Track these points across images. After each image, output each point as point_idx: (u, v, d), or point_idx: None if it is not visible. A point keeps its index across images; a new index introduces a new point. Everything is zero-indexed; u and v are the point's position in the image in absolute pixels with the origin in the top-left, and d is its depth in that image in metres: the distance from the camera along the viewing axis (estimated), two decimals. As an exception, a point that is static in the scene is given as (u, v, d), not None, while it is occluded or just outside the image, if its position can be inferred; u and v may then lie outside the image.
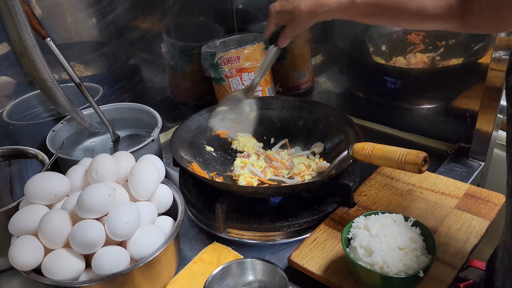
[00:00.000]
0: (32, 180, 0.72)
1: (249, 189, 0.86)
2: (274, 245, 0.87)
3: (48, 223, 0.68)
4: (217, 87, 1.25)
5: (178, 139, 1.01)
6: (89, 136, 1.13)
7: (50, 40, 0.93)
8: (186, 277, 0.79)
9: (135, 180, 0.76)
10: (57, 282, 0.67)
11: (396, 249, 0.68)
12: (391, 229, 0.71)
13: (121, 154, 0.83)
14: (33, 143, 1.02)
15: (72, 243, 0.67)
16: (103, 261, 0.67)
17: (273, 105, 1.14)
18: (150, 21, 1.21)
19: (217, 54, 1.17)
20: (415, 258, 0.67)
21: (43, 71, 0.92)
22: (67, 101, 0.98)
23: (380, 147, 0.79)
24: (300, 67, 1.34)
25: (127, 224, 0.68)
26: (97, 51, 1.12)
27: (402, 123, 1.21)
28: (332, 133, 1.05)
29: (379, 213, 0.76)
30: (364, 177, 0.98)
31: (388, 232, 0.70)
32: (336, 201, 0.91)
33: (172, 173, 1.10)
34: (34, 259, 0.67)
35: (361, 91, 1.30)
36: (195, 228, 0.93)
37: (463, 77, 1.04)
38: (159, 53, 1.26)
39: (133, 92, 1.21)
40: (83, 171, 0.79)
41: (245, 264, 0.73)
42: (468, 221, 0.83)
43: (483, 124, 1.02)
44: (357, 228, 0.73)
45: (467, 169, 1.03)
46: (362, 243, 0.69)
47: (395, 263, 0.66)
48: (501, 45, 0.93)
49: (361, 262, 0.67)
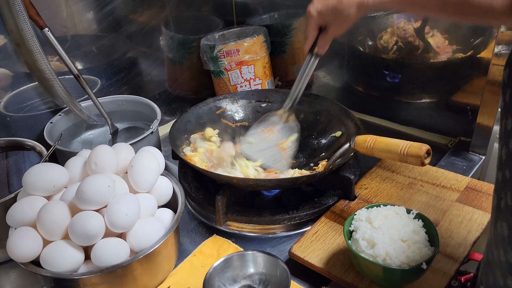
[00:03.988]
0: (30, 171, 0.71)
1: (250, 182, 0.85)
2: (274, 238, 0.87)
3: (46, 214, 0.67)
4: (216, 80, 1.24)
5: (177, 131, 1.00)
6: (87, 129, 1.12)
7: (48, 30, 0.91)
8: (186, 269, 0.79)
9: (135, 172, 0.75)
10: (56, 274, 0.66)
11: (399, 241, 0.67)
12: (394, 221, 0.70)
13: (121, 146, 0.82)
14: (30, 135, 1.00)
15: (71, 235, 0.66)
16: (102, 253, 0.66)
17: (272, 98, 1.13)
18: (149, 13, 1.20)
19: (217, 47, 1.16)
20: (418, 250, 0.67)
21: (41, 62, 0.91)
22: (65, 92, 0.97)
23: (382, 140, 0.78)
24: (300, 60, 1.33)
25: (127, 215, 0.68)
26: (95, 43, 1.11)
27: (402, 117, 1.20)
28: (332, 126, 1.04)
29: (381, 205, 0.75)
30: (365, 170, 0.98)
31: (391, 224, 0.69)
32: (336, 194, 0.90)
33: (171, 166, 1.09)
34: (32, 250, 0.66)
35: (360, 85, 1.29)
36: (194, 221, 0.92)
37: (464, 72, 1.04)
38: (157, 45, 1.25)
39: (132, 85, 1.20)
40: (82, 162, 0.78)
41: (246, 256, 0.72)
42: (470, 214, 0.83)
43: (484, 118, 1.02)
44: (359, 221, 0.72)
45: (467, 163, 1.03)
46: (365, 235, 0.69)
47: (398, 255, 0.65)
48: (503, 40, 0.92)
49: (363, 254, 0.67)
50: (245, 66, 1.19)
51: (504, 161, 0.49)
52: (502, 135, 0.50)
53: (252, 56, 1.18)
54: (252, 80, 1.21)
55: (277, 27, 1.29)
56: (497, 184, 0.51)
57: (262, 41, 1.19)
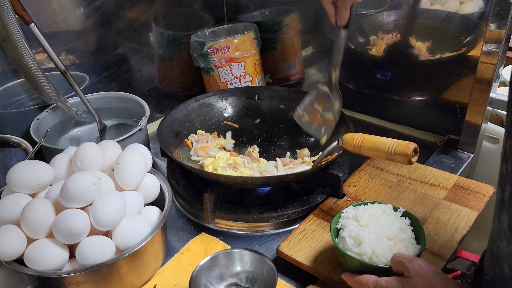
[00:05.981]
0: (14, 168, 0.71)
1: (237, 179, 0.85)
2: (262, 236, 0.86)
3: (30, 212, 0.66)
4: (206, 77, 1.23)
5: (165, 128, 0.99)
6: (75, 125, 1.11)
7: (34, 25, 0.90)
8: (173, 267, 0.78)
9: (121, 169, 0.74)
10: (40, 273, 0.65)
11: (385, 239, 0.67)
12: (381, 219, 0.70)
13: (107, 143, 0.81)
14: (17, 132, 0.99)
15: (56, 233, 0.65)
16: (87, 251, 0.66)
17: (262, 95, 1.13)
18: (138, 9, 1.18)
19: (207, 43, 1.16)
20: (404, 248, 0.67)
21: (27, 58, 0.90)
22: (52, 89, 0.96)
23: (370, 138, 0.78)
24: (291, 58, 1.33)
25: (113, 213, 0.67)
26: (84, 39, 1.10)
27: (392, 115, 1.20)
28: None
29: (368, 203, 0.75)
30: (354, 168, 0.98)
31: (378, 223, 0.69)
32: (325, 192, 0.90)
33: (160, 163, 1.08)
34: (16, 249, 0.65)
35: (351, 83, 1.29)
36: (182, 219, 0.91)
37: (454, 70, 1.04)
38: (147, 42, 1.24)
39: (121, 82, 1.19)
40: (68, 159, 0.77)
41: (233, 254, 0.72)
42: (457, 212, 0.83)
43: (473, 116, 1.02)
44: (346, 219, 0.72)
45: (456, 161, 1.04)
46: (351, 233, 0.69)
47: (384, 253, 0.65)
48: (492, 38, 0.93)
49: (349, 252, 0.67)
50: (235, 63, 1.18)
51: (508, 154, 0.49)
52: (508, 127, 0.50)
53: (243, 53, 1.17)
54: (242, 77, 1.20)
55: (268, 24, 1.29)
56: (501, 177, 0.51)
57: (252, 38, 1.18)
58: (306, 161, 0.99)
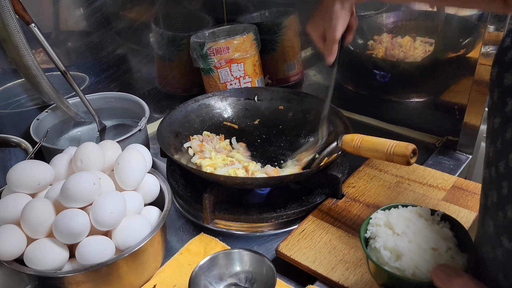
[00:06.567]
0: (14, 168, 0.71)
1: (237, 180, 0.85)
2: (261, 236, 0.87)
3: (30, 212, 0.66)
4: (206, 78, 1.23)
5: (165, 129, 1.00)
6: (74, 126, 1.11)
7: (34, 26, 0.90)
8: (173, 268, 0.78)
9: (121, 169, 0.75)
10: (40, 272, 0.65)
11: (429, 250, 0.57)
12: (419, 225, 0.61)
13: (107, 143, 0.81)
14: (16, 132, 0.99)
15: (56, 233, 0.66)
16: (87, 251, 0.66)
17: (261, 96, 1.13)
18: (138, 9, 1.19)
19: (206, 44, 1.16)
20: (451, 259, 0.57)
21: (27, 58, 0.90)
22: (52, 89, 0.96)
23: (369, 139, 0.78)
24: (290, 59, 1.33)
25: (113, 213, 0.67)
26: (84, 39, 1.10)
27: (391, 116, 1.21)
28: (321, 124, 1.04)
29: (399, 206, 0.66)
30: (353, 168, 0.98)
31: (417, 229, 0.60)
32: (324, 193, 0.90)
33: (159, 164, 1.09)
34: (16, 248, 0.65)
35: (350, 84, 1.29)
36: (182, 219, 0.92)
37: (452, 71, 1.05)
38: (147, 42, 1.24)
39: (121, 82, 1.19)
40: (68, 159, 0.77)
41: (232, 254, 0.72)
42: (455, 213, 0.83)
43: (471, 118, 1.02)
44: (377, 226, 0.63)
45: (454, 162, 1.04)
46: (387, 244, 0.59)
47: (429, 267, 0.55)
48: (490, 40, 0.93)
49: (387, 267, 0.57)
50: (235, 64, 1.18)
51: (491, 159, 0.50)
52: (489, 134, 0.51)
53: (242, 54, 1.17)
54: (242, 78, 1.21)
55: (268, 25, 1.29)
56: (484, 182, 0.52)
57: (252, 39, 1.19)
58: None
